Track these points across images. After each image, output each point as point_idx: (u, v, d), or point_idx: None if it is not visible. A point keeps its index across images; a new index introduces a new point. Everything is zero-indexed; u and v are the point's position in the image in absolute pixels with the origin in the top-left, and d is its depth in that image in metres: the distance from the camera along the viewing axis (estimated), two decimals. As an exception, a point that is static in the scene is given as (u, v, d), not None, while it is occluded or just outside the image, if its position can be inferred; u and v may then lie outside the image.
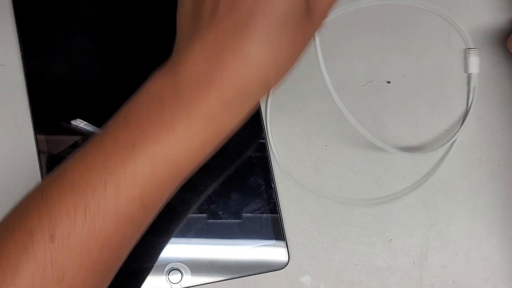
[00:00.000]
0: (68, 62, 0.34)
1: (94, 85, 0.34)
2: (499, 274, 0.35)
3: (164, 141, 0.24)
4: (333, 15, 0.36)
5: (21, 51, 0.34)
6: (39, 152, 0.34)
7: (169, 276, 0.33)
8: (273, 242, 0.34)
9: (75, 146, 0.34)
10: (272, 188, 0.34)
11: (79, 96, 0.34)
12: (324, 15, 0.26)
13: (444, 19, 0.37)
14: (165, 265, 0.33)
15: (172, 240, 0.33)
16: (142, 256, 0.33)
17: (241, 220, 0.34)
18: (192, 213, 0.34)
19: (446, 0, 0.37)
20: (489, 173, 0.36)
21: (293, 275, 0.35)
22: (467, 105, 0.36)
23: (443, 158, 0.36)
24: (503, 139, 0.36)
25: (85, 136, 0.34)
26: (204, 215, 0.34)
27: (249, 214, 0.34)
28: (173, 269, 0.33)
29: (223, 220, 0.34)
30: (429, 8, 0.36)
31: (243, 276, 0.34)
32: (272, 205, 0.34)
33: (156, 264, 0.33)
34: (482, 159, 0.36)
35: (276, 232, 0.34)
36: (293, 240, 0.35)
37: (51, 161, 0.34)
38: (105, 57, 0.35)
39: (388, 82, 0.37)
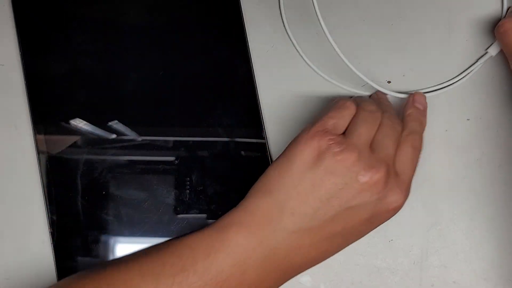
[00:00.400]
0: (67, 62, 0.34)
1: (94, 85, 0.34)
2: (499, 274, 0.35)
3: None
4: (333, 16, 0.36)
5: (20, 51, 0.34)
6: (39, 152, 0.34)
7: None
8: None
9: (74, 146, 0.34)
10: None
11: (79, 96, 0.34)
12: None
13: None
14: None
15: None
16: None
17: None
18: (192, 213, 0.34)
19: None
20: (490, 173, 0.36)
21: (293, 275, 0.35)
22: (464, 70, 0.37)
23: (443, 157, 0.36)
24: (503, 139, 0.36)
25: (85, 136, 0.34)
26: (204, 215, 0.34)
27: None
28: None
29: None
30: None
31: None
32: None
33: None
34: (483, 159, 0.36)
35: None
36: (293, 240, 0.35)
37: (51, 161, 0.33)
38: (105, 57, 0.34)
39: (389, 82, 0.37)
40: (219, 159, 0.34)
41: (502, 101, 0.37)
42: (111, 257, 0.33)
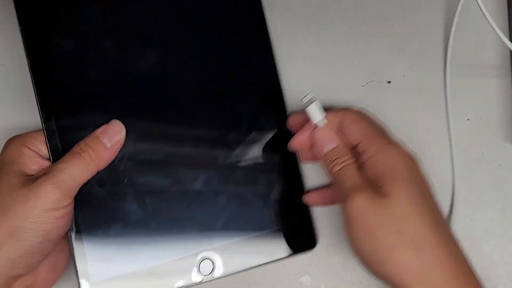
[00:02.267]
0: (68, 62, 0.34)
1: (94, 86, 0.34)
2: (499, 274, 0.35)
3: None
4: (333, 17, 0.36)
5: (21, 51, 0.34)
6: (39, 152, 0.34)
7: (200, 267, 0.33)
8: (300, 225, 0.34)
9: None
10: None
11: (80, 96, 0.34)
12: None
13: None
14: (196, 254, 0.33)
15: (202, 228, 0.33)
16: (171, 247, 0.33)
17: (268, 205, 0.34)
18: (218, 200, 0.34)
19: None
20: (489, 173, 0.36)
21: (293, 275, 0.35)
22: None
23: (443, 157, 0.36)
24: (503, 139, 0.36)
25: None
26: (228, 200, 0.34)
27: (276, 200, 0.34)
28: (204, 258, 0.33)
29: (252, 206, 0.34)
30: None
31: (275, 261, 0.33)
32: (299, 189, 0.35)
33: (186, 255, 0.33)
34: (482, 159, 0.36)
35: (303, 215, 0.34)
36: (293, 240, 0.35)
37: (51, 161, 0.33)
38: (106, 57, 0.34)
39: (389, 82, 0.37)
40: (244, 153, 0.34)
41: (502, 100, 0.37)
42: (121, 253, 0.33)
